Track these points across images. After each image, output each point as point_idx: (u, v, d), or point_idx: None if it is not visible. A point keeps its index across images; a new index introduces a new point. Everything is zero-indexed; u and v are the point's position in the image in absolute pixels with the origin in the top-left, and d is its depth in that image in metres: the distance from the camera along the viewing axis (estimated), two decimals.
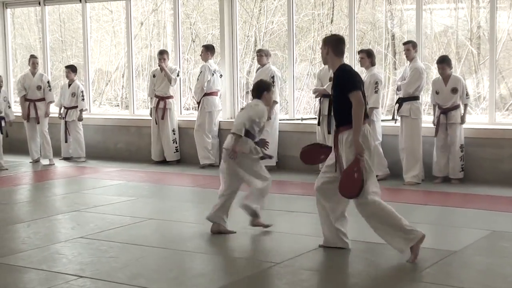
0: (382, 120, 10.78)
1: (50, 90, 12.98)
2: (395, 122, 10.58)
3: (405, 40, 11.00)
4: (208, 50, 12.19)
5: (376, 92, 10.31)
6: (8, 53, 15.21)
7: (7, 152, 14.15)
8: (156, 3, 14.98)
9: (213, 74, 12.07)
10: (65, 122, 13.02)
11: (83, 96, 13.02)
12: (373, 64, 10.54)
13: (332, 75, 6.62)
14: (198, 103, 12.19)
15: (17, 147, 14.13)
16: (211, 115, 12.16)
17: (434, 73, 11.70)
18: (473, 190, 9.65)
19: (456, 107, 10.20)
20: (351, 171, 6.22)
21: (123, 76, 15.15)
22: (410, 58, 10.35)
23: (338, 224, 6.55)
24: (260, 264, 6.14)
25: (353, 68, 6.74)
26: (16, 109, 14.58)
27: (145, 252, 6.72)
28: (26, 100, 12.78)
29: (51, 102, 13.00)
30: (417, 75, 10.23)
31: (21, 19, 16.28)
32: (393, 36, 12.85)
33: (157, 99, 12.47)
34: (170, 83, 12.29)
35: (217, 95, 12.22)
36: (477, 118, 11.60)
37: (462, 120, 10.24)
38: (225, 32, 12.41)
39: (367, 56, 10.51)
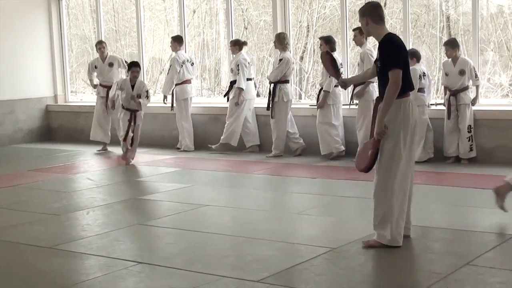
0: (431, 104, 10.76)
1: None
2: (349, 107, 11.19)
3: (461, 22, 10.88)
4: (176, 41, 12.57)
5: (329, 76, 10.53)
6: (64, 44, 15.42)
7: (71, 141, 14.42)
8: None
9: (182, 65, 12.45)
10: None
11: None
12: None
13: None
14: (165, 96, 12.65)
15: (78, 137, 14.36)
16: (186, 102, 12.58)
17: (490, 55, 11.53)
18: None
19: (465, 88, 10.31)
20: (368, 147, 6.19)
21: None
22: (359, 43, 10.70)
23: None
24: (316, 250, 6.13)
25: (399, 39, 6.30)
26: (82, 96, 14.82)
27: (202, 238, 6.78)
28: (100, 86, 12.87)
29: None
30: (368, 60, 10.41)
31: (76, 10, 16.47)
32: (448, 18, 12.64)
33: None
34: None
35: (189, 83, 12.65)
36: None
37: (474, 102, 10.34)
38: (277, 18, 12.37)
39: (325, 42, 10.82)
